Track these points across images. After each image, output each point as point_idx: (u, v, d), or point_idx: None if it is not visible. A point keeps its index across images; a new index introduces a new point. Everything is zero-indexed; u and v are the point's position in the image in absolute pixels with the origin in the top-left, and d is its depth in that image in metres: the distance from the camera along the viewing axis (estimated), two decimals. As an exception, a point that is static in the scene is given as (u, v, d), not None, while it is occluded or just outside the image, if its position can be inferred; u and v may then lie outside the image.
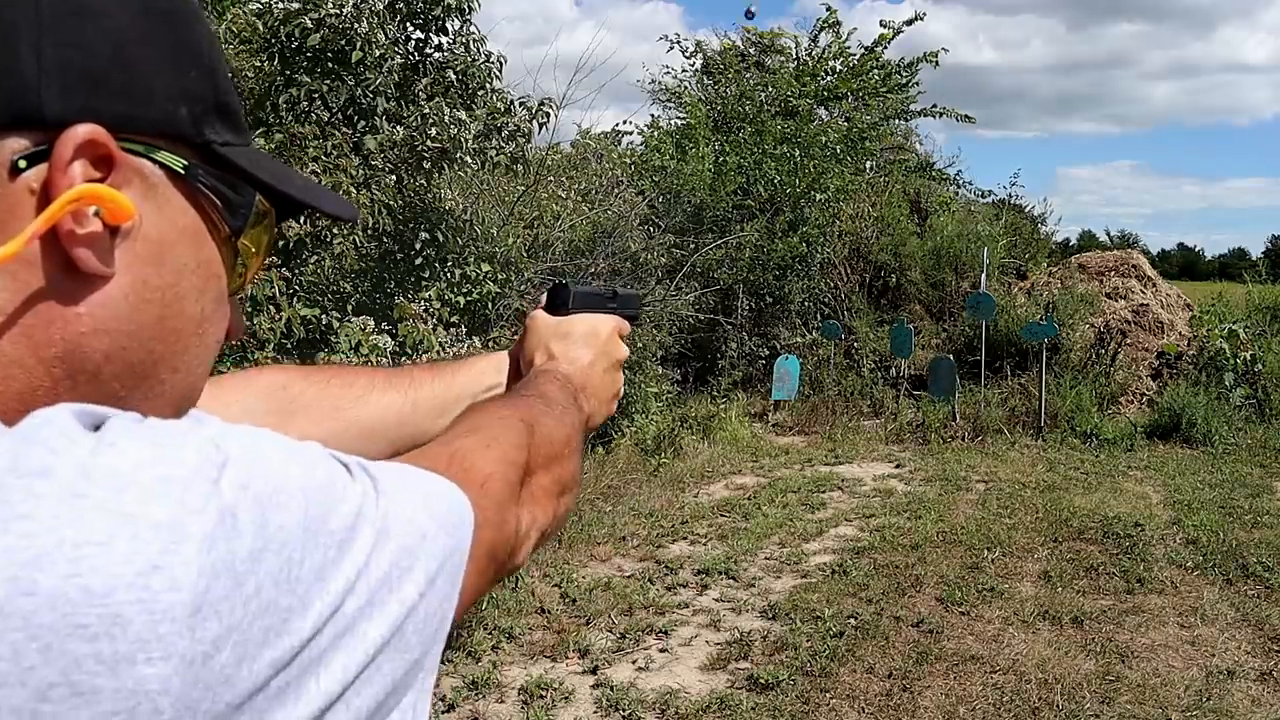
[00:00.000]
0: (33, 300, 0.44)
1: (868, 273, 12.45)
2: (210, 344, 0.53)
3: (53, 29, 0.44)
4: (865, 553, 5.68)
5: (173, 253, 0.49)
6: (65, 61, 0.44)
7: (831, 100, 15.12)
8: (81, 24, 0.45)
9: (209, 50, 0.52)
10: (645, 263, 8.95)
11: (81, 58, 0.45)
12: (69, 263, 0.45)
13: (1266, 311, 11.24)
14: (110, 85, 0.45)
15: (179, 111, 0.49)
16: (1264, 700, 3.89)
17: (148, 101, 0.47)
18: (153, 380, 0.49)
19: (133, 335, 0.47)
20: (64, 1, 0.44)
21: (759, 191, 11.50)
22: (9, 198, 0.44)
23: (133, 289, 0.47)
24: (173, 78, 0.49)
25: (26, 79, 0.43)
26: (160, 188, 0.49)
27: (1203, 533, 5.94)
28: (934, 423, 9.17)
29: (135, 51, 0.47)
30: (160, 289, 0.48)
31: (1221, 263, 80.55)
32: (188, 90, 0.49)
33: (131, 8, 0.47)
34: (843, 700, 3.89)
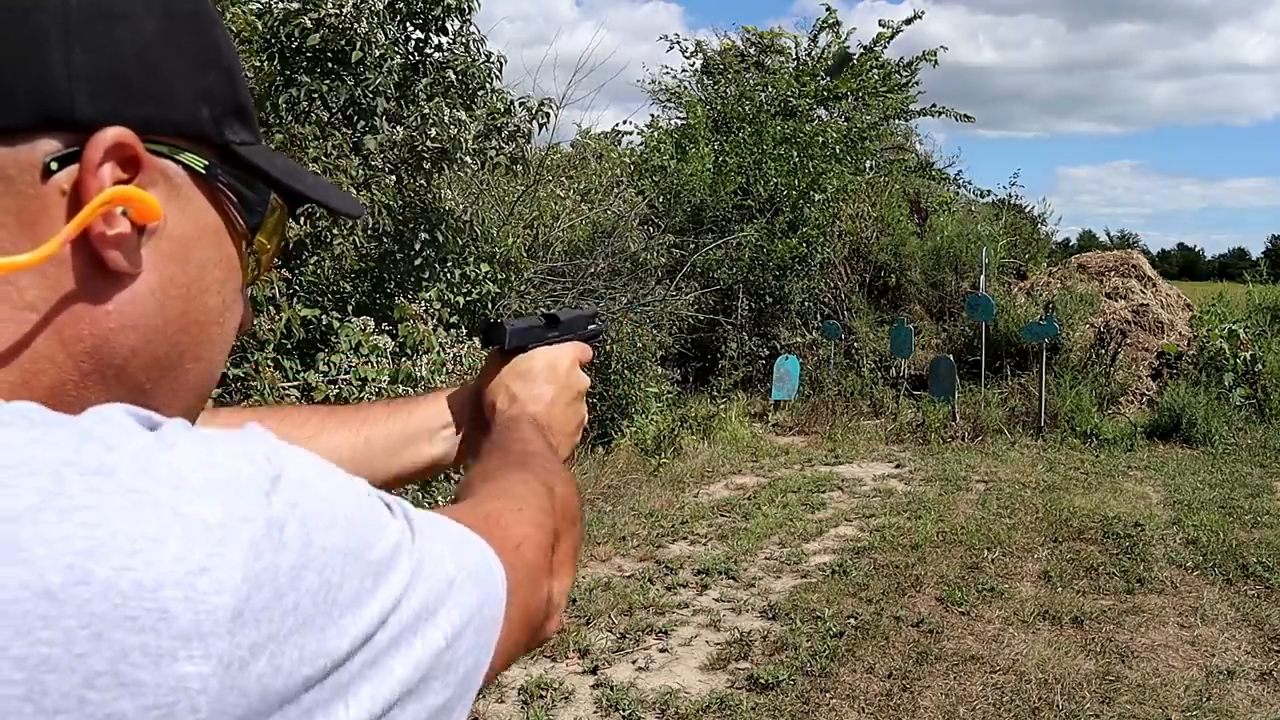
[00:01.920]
0: (64, 298, 0.45)
1: (868, 273, 12.45)
2: (229, 333, 0.55)
3: (81, 34, 0.45)
4: (865, 553, 5.68)
5: (196, 249, 0.51)
6: (94, 66, 0.45)
7: (831, 100, 15.12)
8: (109, 29, 0.46)
9: (227, 51, 0.53)
10: (645, 263, 8.95)
11: (109, 62, 0.46)
12: (98, 261, 0.46)
13: (1266, 311, 11.24)
14: (136, 88, 0.47)
15: (201, 113, 0.50)
16: (1264, 700, 3.89)
17: (171, 104, 0.49)
18: (177, 370, 0.51)
19: (158, 330, 0.49)
20: (91, 7, 0.46)
21: (759, 192, 11.50)
22: (41, 198, 0.45)
23: (159, 285, 0.49)
24: (195, 80, 0.50)
25: (57, 83, 0.44)
26: (184, 187, 0.50)
27: (1203, 533, 5.94)
28: (934, 423, 9.17)
29: (159, 55, 0.48)
30: (184, 285, 0.50)
31: (1221, 263, 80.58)
32: (209, 92, 0.51)
33: (155, 12, 0.48)
34: (843, 700, 3.89)
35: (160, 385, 0.50)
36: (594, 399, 7.77)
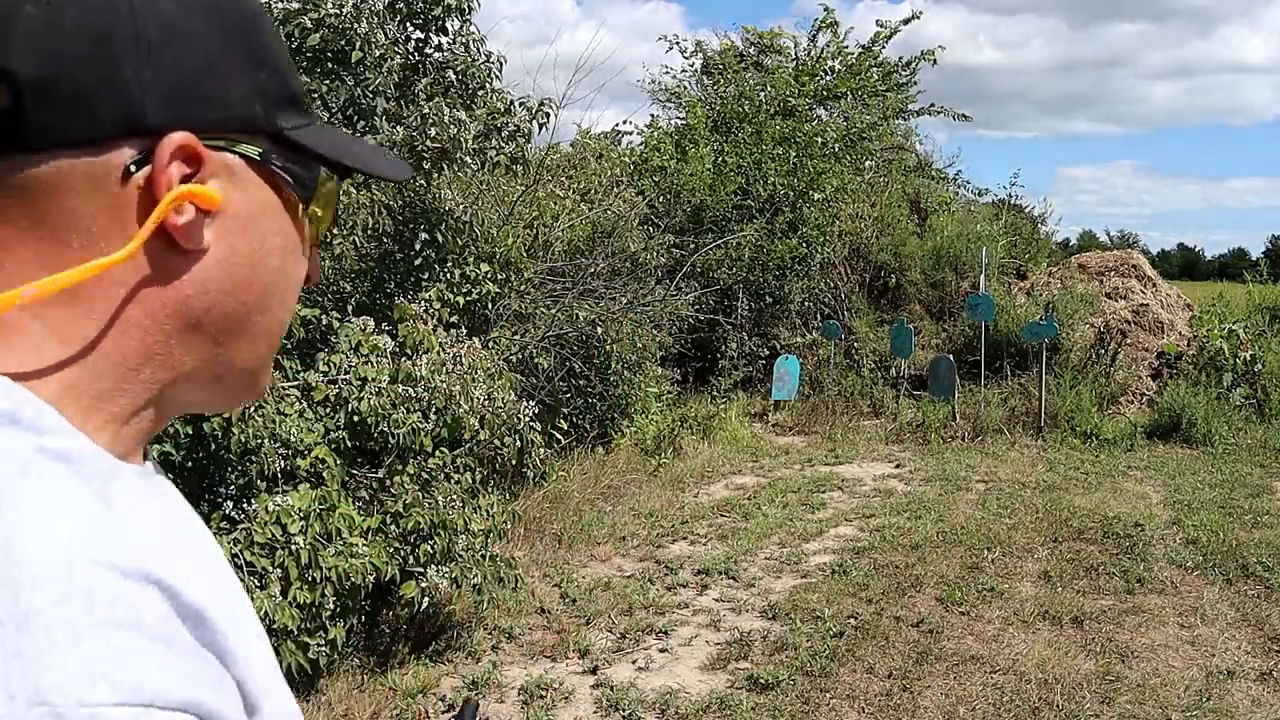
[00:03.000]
0: (146, 276, 0.57)
1: (868, 273, 12.45)
2: (292, 288, 0.66)
3: (151, 57, 0.55)
4: (865, 553, 5.68)
5: (256, 224, 0.61)
6: (162, 82, 0.55)
7: (830, 100, 15.12)
8: (173, 50, 0.56)
9: (276, 50, 0.62)
10: (645, 263, 8.95)
11: (174, 77, 0.56)
12: (173, 243, 0.57)
13: (1266, 311, 11.24)
14: (197, 96, 0.57)
15: (254, 109, 0.60)
16: (1264, 700, 3.89)
17: (228, 104, 0.58)
18: (246, 324, 0.62)
19: (227, 293, 0.60)
20: (160, 32, 0.55)
21: (758, 192, 11.50)
22: (122, 197, 0.55)
23: (224, 257, 0.59)
24: (248, 81, 0.59)
25: (133, 99, 0.54)
26: (241, 173, 0.60)
27: (1203, 533, 5.94)
28: (934, 423, 9.17)
29: (216, 66, 0.58)
30: (248, 254, 0.60)
31: (1221, 263, 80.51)
32: (261, 89, 0.60)
33: (213, 27, 0.58)
34: (843, 700, 3.89)
35: (232, 336, 0.61)
36: (594, 399, 7.77)
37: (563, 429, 6.63)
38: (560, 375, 7.30)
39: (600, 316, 7.41)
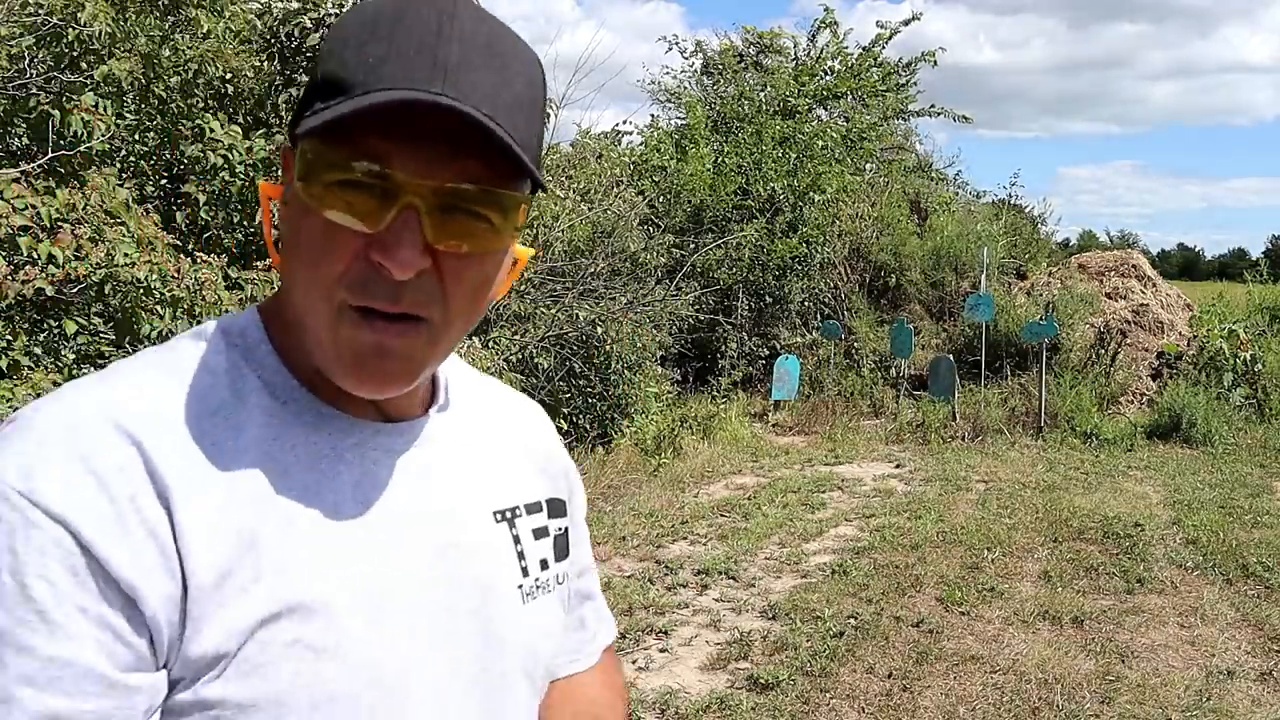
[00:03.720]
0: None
1: (868, 273, 12.45)
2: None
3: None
4: (865, 553, 5.68)
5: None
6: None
7: (830, 100, 15.12)
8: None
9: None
10: (645, 263, 8.95)
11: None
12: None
13: (1266, 311, 11.25)
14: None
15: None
16: (1264, 700, 3.89)
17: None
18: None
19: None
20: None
21: (758, 192, 11.50)
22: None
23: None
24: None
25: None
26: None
27: (1203, 533, 5.94)
28: (934, 423, 9.17)
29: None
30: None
31: (1221, 263, 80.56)
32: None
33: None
34: (843, 700, 3.89)
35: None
36: (594, 399, 7.77)
37: (562, 429, 6.63)
38: (560, 375, 7.31)
39: (600, 316, 7.41)
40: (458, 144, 0.65)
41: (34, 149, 3.68)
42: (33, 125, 3.64)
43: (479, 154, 0.66)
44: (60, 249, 3.04)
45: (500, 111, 0.66)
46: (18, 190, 3.07)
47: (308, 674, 0.66)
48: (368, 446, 0.75)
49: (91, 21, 3.52)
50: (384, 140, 0.65)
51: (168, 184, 4.94)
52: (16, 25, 3.52)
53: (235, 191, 4.47)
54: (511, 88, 0.68)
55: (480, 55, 0.67)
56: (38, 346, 3.29)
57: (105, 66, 3.69)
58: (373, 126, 0.64)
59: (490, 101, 0.66)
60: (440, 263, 0.68)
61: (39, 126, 3.57)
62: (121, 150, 4.56)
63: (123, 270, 3.12)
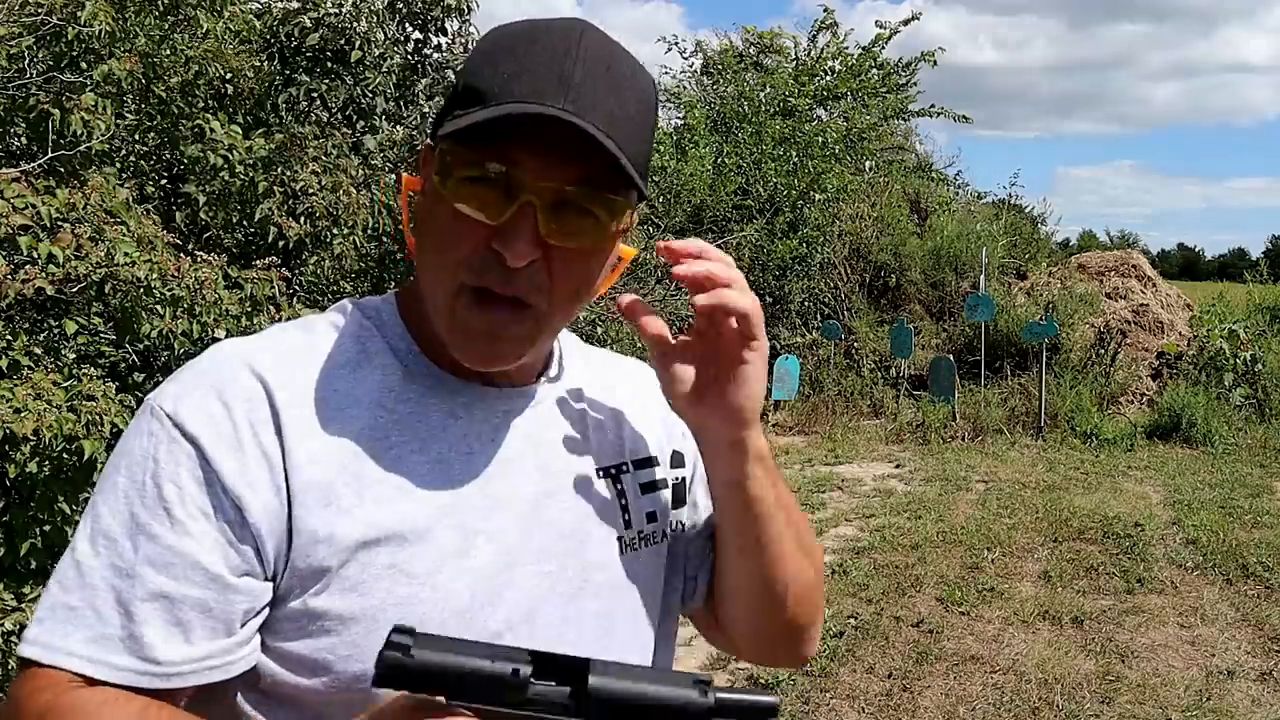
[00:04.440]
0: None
1: (868, 273, 12.45)
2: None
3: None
4: (865, 553, 5.68)
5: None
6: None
7: (830, 100, 15.11)
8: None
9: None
10: (645, 263, 8.95)
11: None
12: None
13: (1266, 311, 11.25)
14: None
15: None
16: (1264, 700, 3.89)
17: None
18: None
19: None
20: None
21: (758, 192, 11.50)
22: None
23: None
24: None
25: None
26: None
27: (1203, 533, 5.94)
28: (934, 423, 9.17)
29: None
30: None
31: (1221, 263, 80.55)
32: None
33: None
34: (843, 700, 3.89)
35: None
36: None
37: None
38: (560, 375, 7.29)
39: (600, 316, 7.41)
40: (573, 152, 0.74)
41: (34, 148, 3.68)
42: (32, 125, 3.64)
43: (591, 162, 0.74)
44: (60, 248, 3.03)
45: (613, 127, 0.75)
46: (18, 190, 3.06)
47: (401, 595, 0.76)
48: (477, 405, 0.85)
49: (91, 21, 3.51)
50: (511, 145, 0.74)
51: (168, 184, 4.94)
52: (16, 25, 3.52)
53: (235, 191, 4.46)
54: (625, 107, 0.77)
55: (601, 76, 0.76)
56: (38, 346, 3.29)
57: (105, 66, 3.68)
58: (502, 133, 0.74)
59: (607, 118, 0.74)
60: (550, 255, 0.77)
61: (38, 126, 3.57)
62: (121, 150, 4.56)
63: (123, 270, 3.11)
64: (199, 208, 4.55)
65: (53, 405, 2.80)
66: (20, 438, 2.67)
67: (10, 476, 2.89)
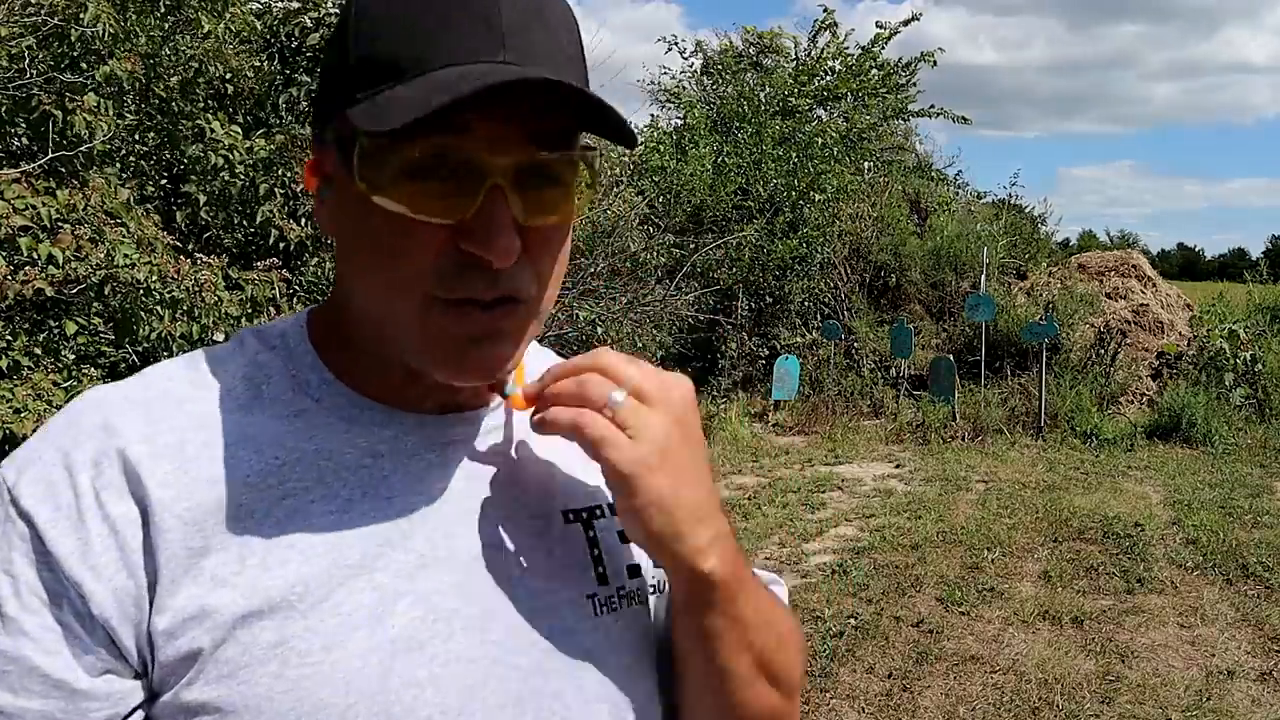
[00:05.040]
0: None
1: (868, 273, 12.45)
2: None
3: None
4: (865, 553, 5.68)
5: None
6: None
7: (830, 100, 15.11)
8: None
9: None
10: (645, 263, 8.95)
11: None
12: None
13: (1266, 311, 11.24)
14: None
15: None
16: (1264, 700, 3.89)
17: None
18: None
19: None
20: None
21: (758, 192, 11.50)
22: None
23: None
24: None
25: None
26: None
27: (1203, 533, 5.94)
28: (934, 423, 9.17)
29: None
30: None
31: (1221, 263, 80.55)
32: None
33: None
34: (843, 700, 3.89)
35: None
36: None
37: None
38: (560, 375, 7.30)
39: (600, 316, 7.41)
40: (525, 112, 0.61)
41: (35, 149, 3.68)
42: (33, 125, 3.64)
43: (545, 119, 0.62)
44: (60, 249, 3.04)
45: (561, 69, 0.62)
46: (18, 190, 3.07)
47: (291, 679, 0.61)
48: (407, 439, 0.70)
49: (94, 22, 3.52)
50: (453, 118, 0.58)
51: (168, 184, 4.95)
52: (18, 25, 3.52)
53: (235, 192, 4.47)
54: (559, 41, 0.64)
55: (530, 14, 0.62)
56: (38, 347, 3.29)
57: (106, 67, 3.69)
58: (444, 107, 0.57)
59: (551, 61, 0.62)
60: (527, 239, 0.63)
61: (39, 127, 3.58)
62: (122, 150, 4.57)
63: (123, 271, 3.12)
64: (199, 208, 4.56)
65: (52, 405, 2.80)
66: (20, 438, 2.67)
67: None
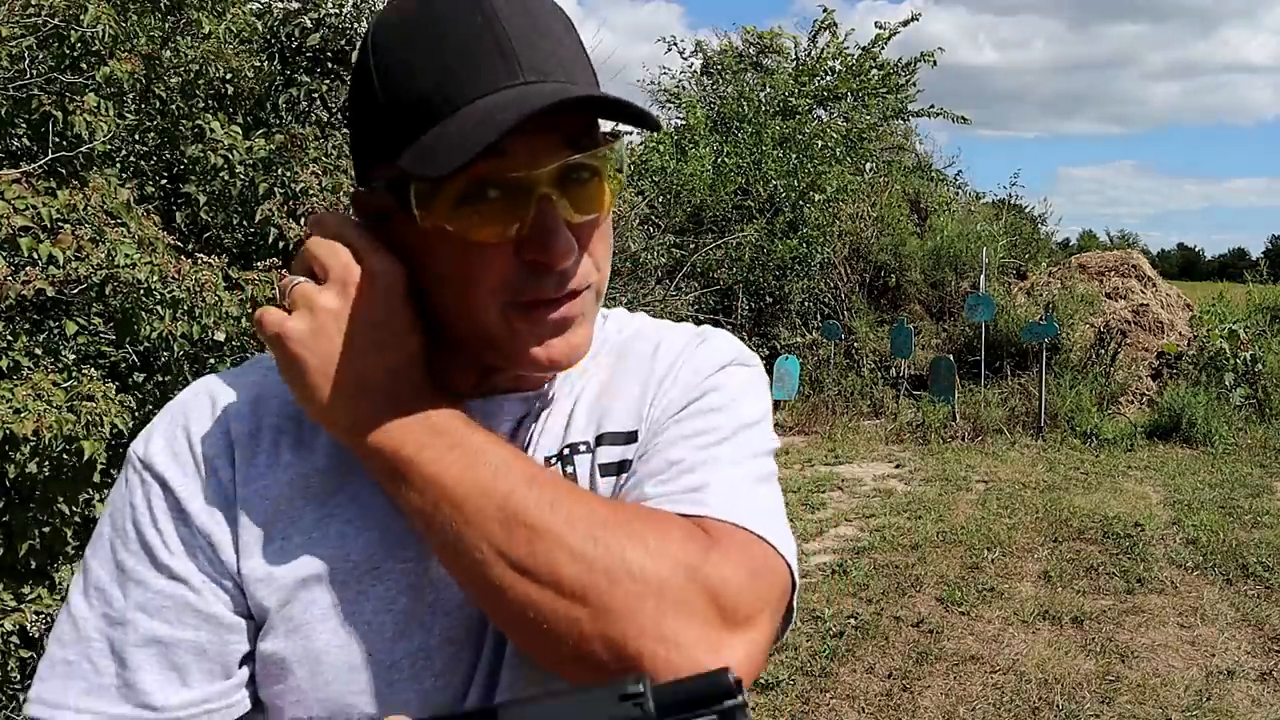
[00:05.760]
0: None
1: (868, 273, 12.45)
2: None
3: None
4: (865, 553, 5.68)
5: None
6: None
7: (830, 100, 15.11)
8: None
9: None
10: (645, 263, 8.95)
11: None
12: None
13: (1266, 311, 11.24)
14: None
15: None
16: (1264, 700, 3.89)
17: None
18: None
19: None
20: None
21: (759, 192, 11.51)
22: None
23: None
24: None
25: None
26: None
27: (1203, 533, 5.94)
28: (934, 423, 9.17)
29: None
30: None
31: (1221, 263, 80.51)
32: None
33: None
34: (843, 700, 3.89)
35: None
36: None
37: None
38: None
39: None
40: (556, 120, 0.66)
41: (35, 150, 3.68)
42: (34, 126, 3.64)
43: (565, 121, 0.67)
44: (61, 250, 3.04)
45: (572, 72, 0.69)
46: (19, 191, 3.07)
47: (345, 638, 0.71)
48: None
49: (94, 23, 3.52)
50: (492, 145, 0.63)
51: (168, 184, 4.94)
52: (18, 26, 3.52)
53: (235, 192, 4.47)
54: (561, 43, 0.70)
55: (527, 27, 0.68)
56: (38, 347, 3.29)
57: (106, 68, 3.69)
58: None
59: (561, 67, 0.68)
60: (580, 233, 0.70)
61: (40, 127, 3.57)
62: (122, 150, 4.56)
63: (123, 271, 3.12)
64: (199, 208, 4.56)
65: (53, 406, 2.80)
66: (20, 438, 2.67)
67: (10, 477, 2.90)
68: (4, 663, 2.97)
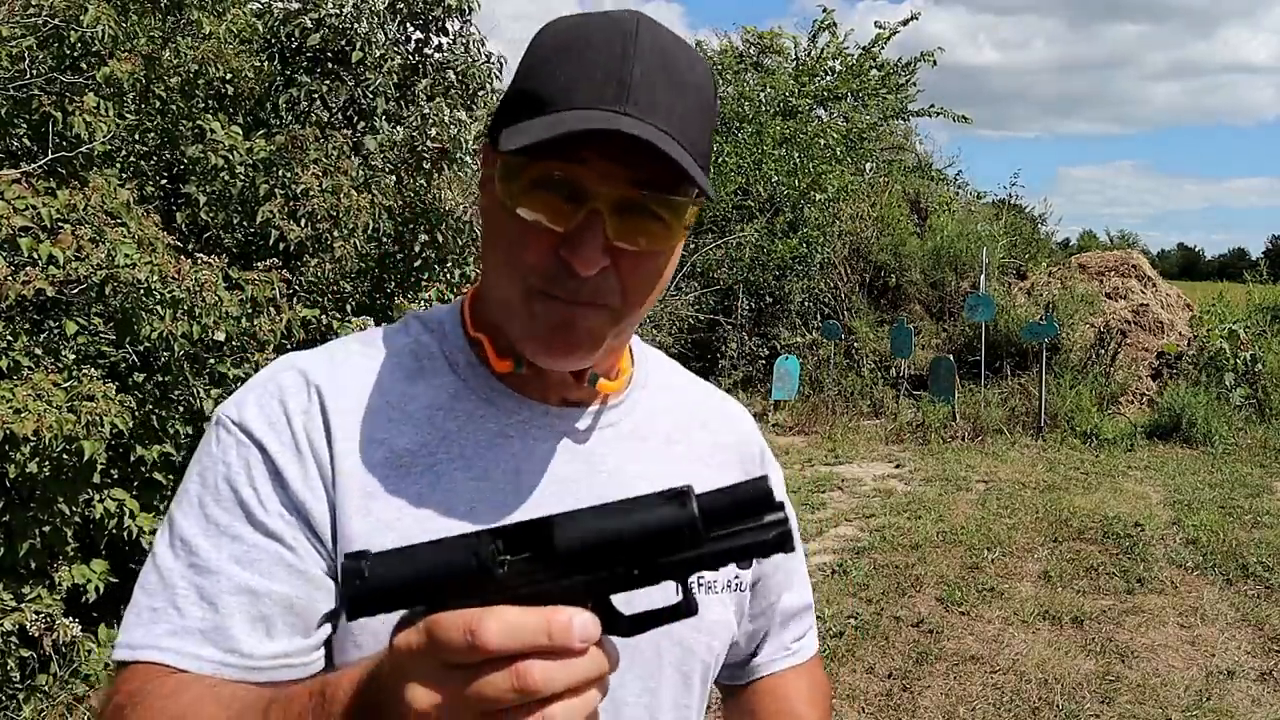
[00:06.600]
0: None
1: (868, 273, 12.45)
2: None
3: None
4: (865, 553, 5.68)
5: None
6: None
7: (830, 100, 15.11)
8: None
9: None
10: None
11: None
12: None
13: (1266, 311, 11.24)
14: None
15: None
16: (1264, 700, 3.89)
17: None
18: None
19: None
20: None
21: (759, 192, 11.50)
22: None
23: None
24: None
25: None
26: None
27: (1203, 533, 5.94)
28: (934, 423, 9.17)
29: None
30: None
31: (1221, 263, 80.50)
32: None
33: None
34: (843, 700, 3.89)
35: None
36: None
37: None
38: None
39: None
40: (636, 155, 0.72)
41: (35, 150, 3.68)
42: (34, 126, 3.64)
43: (654, 163, 0.72)
44: (61, 250, 3.04)
45: (675, 125, 0.74)
46: (19, 191, 3.07)
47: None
48: (533, 425, 0.84)
49: (94, 23, 3.52)
50: (574, 151, 0.72)
51: (168, 185, 4.95)
52: (18, 26, 3.53)
53: (235, 192, 4.47)
54: (685, 100, 0.76)
55: (658, 73, 0.75)
56: (38, 347, 3.29)
57: (106, 68, 3.69)
58: (565, 140, 0.71)
59: (667, 117, 0.74)
60: (618, 259, 0.76)
61: (40, 127, 3.58)
62: (122, 151, 4.56)
63: (123, 271, 3.12)
64: (199, 208, 4.56)
65: (53, 406, 2.80)
66: (20, 438, 2.67)
67: (10, 477, 2.90)
68: (4, 663, 2.97)
